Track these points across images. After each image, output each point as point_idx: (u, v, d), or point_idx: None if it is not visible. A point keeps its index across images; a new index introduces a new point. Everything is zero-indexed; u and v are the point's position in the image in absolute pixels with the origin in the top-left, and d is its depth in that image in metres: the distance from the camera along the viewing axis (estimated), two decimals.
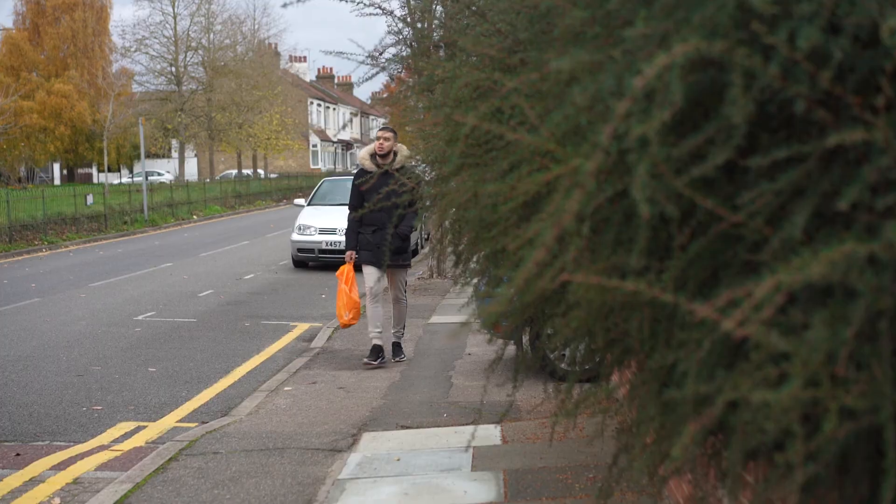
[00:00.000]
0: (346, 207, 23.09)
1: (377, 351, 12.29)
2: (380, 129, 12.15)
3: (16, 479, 8.21)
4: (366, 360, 12.27)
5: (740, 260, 2.54)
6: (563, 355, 9.46)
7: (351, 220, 12.23)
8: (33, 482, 8.14)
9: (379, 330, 12.24)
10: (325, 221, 23.44)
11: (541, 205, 2.42)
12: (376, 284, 12.14)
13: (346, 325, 12.69)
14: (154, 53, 69.37)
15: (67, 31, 71.63)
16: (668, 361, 2.67)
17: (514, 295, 2.85)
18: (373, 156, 11.94)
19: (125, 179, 77.00)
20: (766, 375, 2.21)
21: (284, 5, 6.68)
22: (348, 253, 12.29)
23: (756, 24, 2.28)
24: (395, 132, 12.02)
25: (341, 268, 12.41)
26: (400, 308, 12.54)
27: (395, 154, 11.83)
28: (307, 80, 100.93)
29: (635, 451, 3.43)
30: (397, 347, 12.68)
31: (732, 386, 2.25)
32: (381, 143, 11.76)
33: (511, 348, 10.09)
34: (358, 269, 12.37)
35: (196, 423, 9.89)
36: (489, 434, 8.59)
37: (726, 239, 2.56)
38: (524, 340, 9.03)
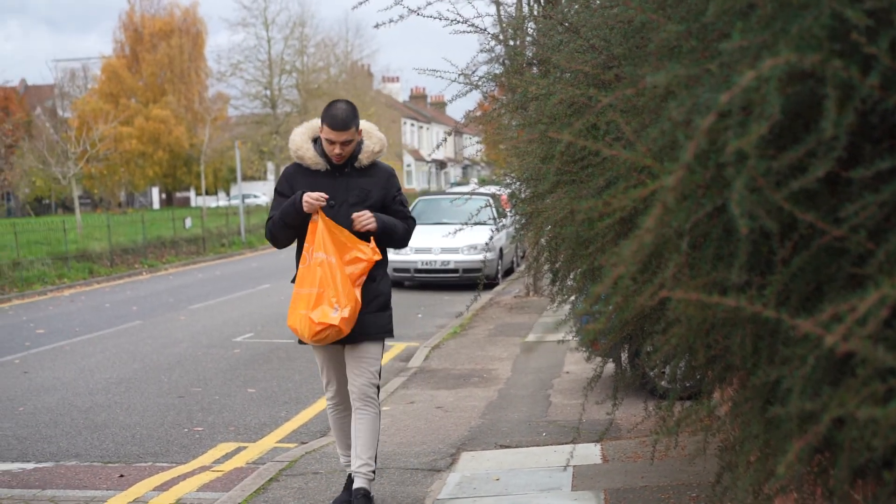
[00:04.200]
0: (437, 227, 23.49)
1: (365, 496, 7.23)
2: (328, 124, 6.97)
3: (119, 500, 8.31)
4: None
5: (844, 274, 2.50)
6: (663, 373, 9.37)
7: (272, 224, 7.19)
8: (137, 503, 8.23)
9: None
10: (421, 241, 23.46)
11: (638, 221, 2.39)
12: (339, 384, 7.42)
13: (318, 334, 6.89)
14: (249, 77, 70.16)
15: (164, 57, 72.59)
16: (772, 378, 2.63)
17: (612, 312, 2.82)
18: (316, 141, 7.23)
19: (222, 202, 77.92)
20: (873, 391, 2.17)
21: (376, 26, 6.71)
22: (313, 196, 6.91)
23: (855, 34, 2.24)
24: (355, 110, 7.09)
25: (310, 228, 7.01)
26: (370, 418, 7.23)
27: (360, 145, 7.22)
28: (400, 100, 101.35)
29: (739, 470, 3.39)
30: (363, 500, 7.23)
31: (838, 402, 2.21)
32: (340, 152, 7.01)
33: (610, 366, 10.03)
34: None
35: (295, 444, 9.94)
36: (589, 453, 8.52)
37: (829, 252, 2.52)
38: (623, 358, 8.96)
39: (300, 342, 7.24)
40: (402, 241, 7.33)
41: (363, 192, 7.15)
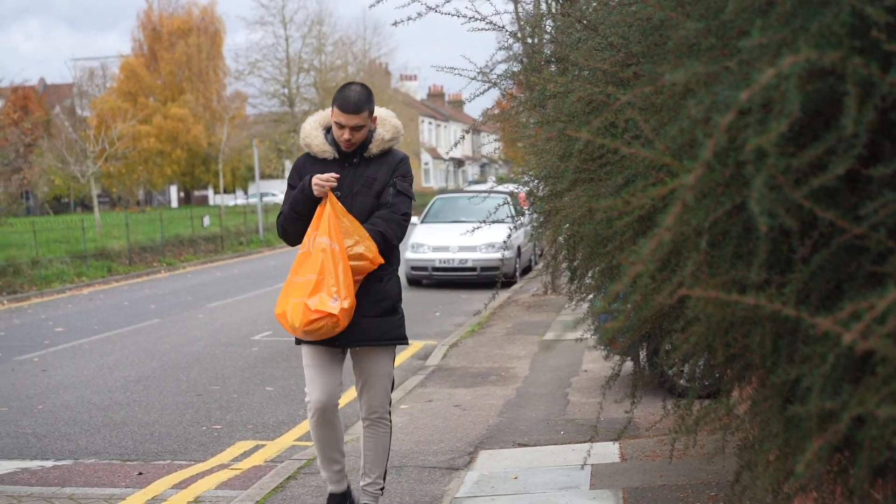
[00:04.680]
0: (454, 225, 23.49)
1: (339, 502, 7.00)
2: (339, 106, 6.40)
3: (138, 497, 8.32)
4: None
5: (864, 272, 2.49)
6: (682, 371, 9.34)
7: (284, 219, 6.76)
8: (155, 501, 8.25)
9: (339, 467, 6.88)
10: (439, 239, 23.50)
11: (657, 219, 2.39)
12: (323, 392, 6.59)
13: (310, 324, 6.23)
14: (267, 76, 70.30)
15: (182, 56, 72.82)
16: (792, 376, 2.62)
17: (631, 311, 2.82)
18: (328, 131, 6.72)
19: (240, 201, 78.02)
20: (893, 390, 2.16)
21: (395, 24, 6.70)
22: (322, 177, 6.40)
23: (876, 31, 2.24)
24: (369, 94, 6.54)
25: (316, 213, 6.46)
26: (380, 437, 6.82)
27: (373, 133, 6.61)
28: (418, 98, 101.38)
29: (758, 469, 3.37)
30: None
31: (858, 401, 2.20)
32: (349, 138, 6.44)
33: (628, 364, 10.01)
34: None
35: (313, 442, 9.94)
36: (607, 451, 8.51)
37: (849, 250, 2.51)
38: (641, 356, 8.95)
39: (297, 342, 6.68)
40: (381, 242, 6.47)
41: (368, 181, 6.55)
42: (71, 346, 16.79)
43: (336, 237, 6.26)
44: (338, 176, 6.41)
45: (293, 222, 6.65)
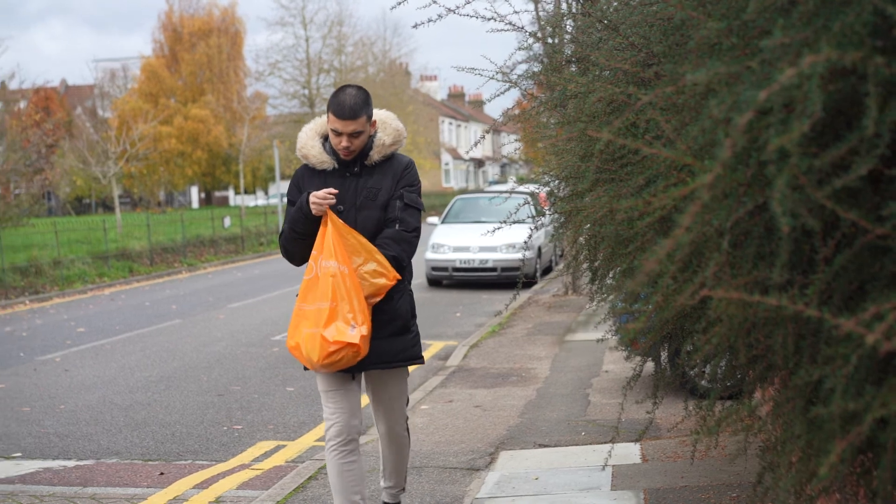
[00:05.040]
0: (475, 226, 23.48)
1: None
2: (334, 112, 5.98)
3: (160, 497, 8.34)
4: None
5: (887, 272, 2.47)
6: (704, 372, 9.31)
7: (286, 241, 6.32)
8: (177, 501, 8.26)
9: None
10: (459, 239, 23.50)
11: (678, 220, 2.38)
12: (348, 416, 6.16)
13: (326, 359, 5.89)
14: (287, 77, 70.31)
15: (203, 57, 72.99)
16: (814, 377, 2.61)
17: (652, 311, 2.81)
18: (326, 140, 6.29)
19: (260, 201, 78.14)
20: None
21: (415, 25, 6.68)
22: (319, 195, 5.96)
23: None
24: (367, 97, 6.09)
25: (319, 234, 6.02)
26: (398, 449, 6.66)
27: (373, 138, 6.19)
28: (438, 98, 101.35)
29: (781, 470, 3.36)
30: None
31: (881, 402, 2.19)
32: (348, 145, 6.01)
33: (649, 365, 9.99)
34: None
35: None
36: (628, 452, 8.50)
37: (872, 251, 2.50)
38: (663, 357, 8.93)
39: (306, 368, 6.19)
40: (393, 266, 6.07)
41: (371, 193, 6.12)
42: (93, 347, 16.85)
43: (343, 259, 5.85)
44: (336, 192, 6.01)
45: (294, 242, 6.24)
